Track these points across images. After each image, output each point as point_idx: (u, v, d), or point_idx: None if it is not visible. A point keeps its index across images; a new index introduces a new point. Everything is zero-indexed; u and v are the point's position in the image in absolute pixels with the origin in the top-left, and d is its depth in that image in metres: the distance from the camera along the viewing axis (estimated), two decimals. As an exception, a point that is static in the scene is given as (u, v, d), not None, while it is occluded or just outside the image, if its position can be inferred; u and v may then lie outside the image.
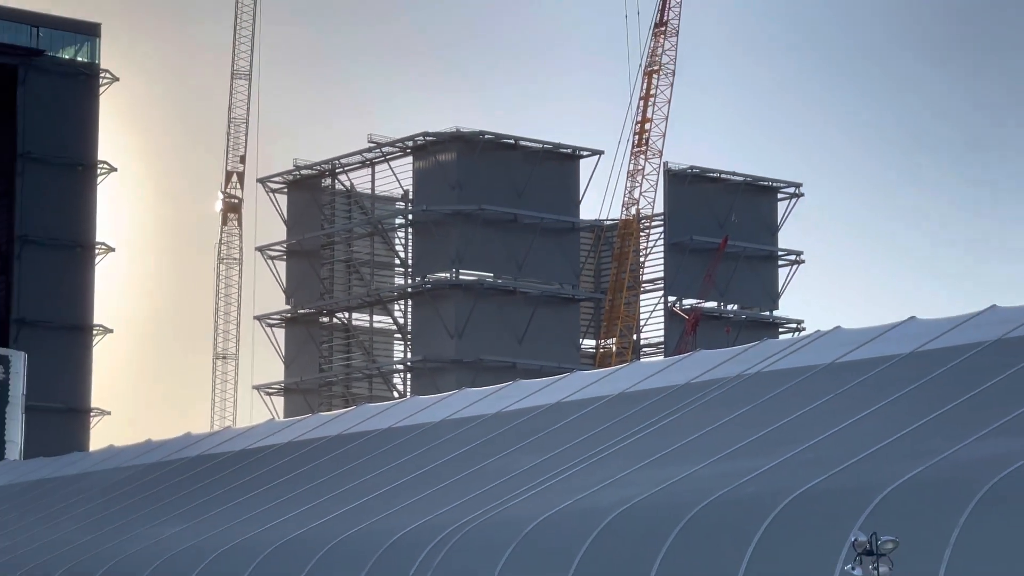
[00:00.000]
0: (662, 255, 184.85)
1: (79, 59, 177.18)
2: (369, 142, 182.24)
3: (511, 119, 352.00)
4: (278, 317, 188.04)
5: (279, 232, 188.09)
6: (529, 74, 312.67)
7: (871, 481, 66.70)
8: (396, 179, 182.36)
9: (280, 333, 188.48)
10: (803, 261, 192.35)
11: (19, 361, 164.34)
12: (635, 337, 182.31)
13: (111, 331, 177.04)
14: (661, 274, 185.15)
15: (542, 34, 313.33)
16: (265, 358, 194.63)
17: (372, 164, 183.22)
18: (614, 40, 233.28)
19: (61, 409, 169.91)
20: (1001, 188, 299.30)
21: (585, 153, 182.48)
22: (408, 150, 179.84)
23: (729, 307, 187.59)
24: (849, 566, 56.97)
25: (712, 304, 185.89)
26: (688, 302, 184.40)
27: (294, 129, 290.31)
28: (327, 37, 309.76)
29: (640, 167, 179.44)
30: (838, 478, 68.61)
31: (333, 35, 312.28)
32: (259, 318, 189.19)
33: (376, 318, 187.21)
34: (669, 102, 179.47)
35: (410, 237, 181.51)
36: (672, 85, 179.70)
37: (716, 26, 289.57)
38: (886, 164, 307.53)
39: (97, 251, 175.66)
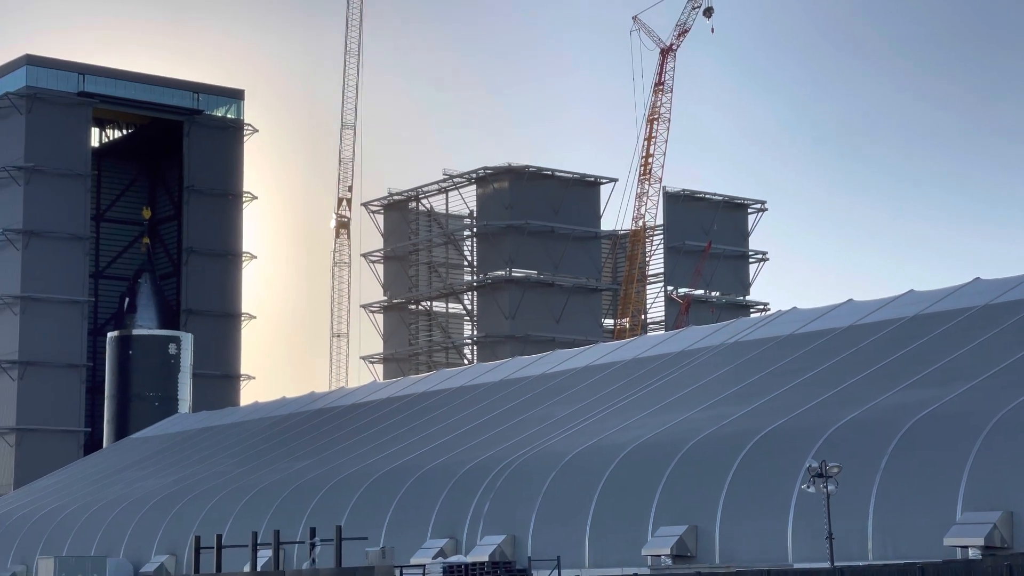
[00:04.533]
0: (662, 255, 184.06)
1: (228, 116, 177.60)
2: (443, 174, 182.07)
3: (549, 154, 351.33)
4: (378, 305, 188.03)
5: (378, 242, 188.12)
6: (562, 121, 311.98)
7: (820, 422, 66.62)
8: (464, 201, 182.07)
9: (379, 317, 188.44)
10: (768, 259, 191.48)
11: (187, 340, 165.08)
12: (643, 317, 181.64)
13: (254, 317, 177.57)
14: (662, 270, 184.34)
15: (574, 90, 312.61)
16: (368, 336, 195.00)
17: (446, 191, 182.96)
18: (624, 95, 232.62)
19: (218, 375, 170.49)
20: (923, 196, 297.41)
21: (604, 180, 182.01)
22: (472, 179, 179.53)
23: (713, 294, 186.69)
24: (805, 485, 56.98)
25: (700, 292, 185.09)
26: (682, 290, 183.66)
27: (388, 165, 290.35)
28: (412, 92, 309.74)
29: (645, 190, 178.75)
30: (796, 420, 68.53)
31: (416, 90, 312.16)
32: (364, 306, 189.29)
33: (450, 305, 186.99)
34: (667, 141, 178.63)
35: (475, 245, 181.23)
36: (668, 128, 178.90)
37: (704, 80, 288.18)
38: (830, 185, 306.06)
39: (244, 258, 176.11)
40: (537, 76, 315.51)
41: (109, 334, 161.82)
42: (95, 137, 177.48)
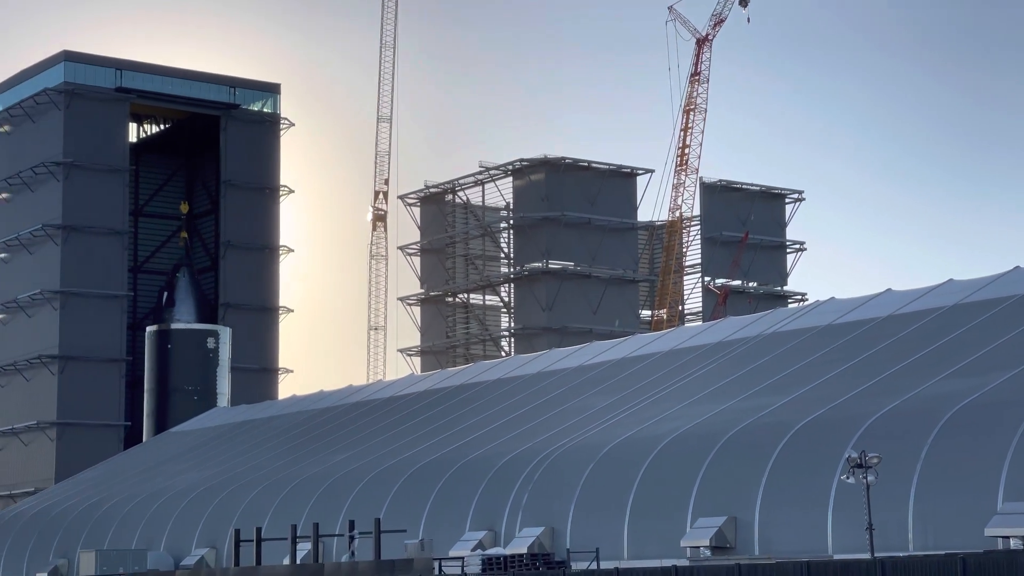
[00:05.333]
0: (699, 246, 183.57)
1: (265, 110, 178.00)
2: (479, 166, 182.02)
3: (585, 146, 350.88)
4: (415, 298, 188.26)
5: (414, 235, 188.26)
6: (597, 111, 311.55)
7: (859, 412, 66.35)
8: (500, 194, 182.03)
9: (416, 310, 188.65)
10: (806, 249, 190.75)
11: (226, 334, 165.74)
12: (680, 308, 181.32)
13: (292, 311, 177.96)
14: (699, 260, 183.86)
15: (610, 81, 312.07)
16: (406, 329, 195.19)
17: (482, 183, 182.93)
18: (661, 86, 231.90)
19: (256, 369, 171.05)
20: (962, 186, 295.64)
21: (640, 171, 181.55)
22: (509, 172, 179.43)
23: (750, 284, 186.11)
24: (844, 476, 56.76)
25: (737, 282, 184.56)
26: (719, 281, 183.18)
27: (424, 158, 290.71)
28: (447, 84, 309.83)
29: (681, 181, 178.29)
30: (835, 410, 68.28)
31: (453, 85, 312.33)
32: (401, 299, 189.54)
33: (487, 297, 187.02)
34: (703, 132, 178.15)
35: (511, 237, 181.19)
36: (705, 119, 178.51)
37: (740, 70, 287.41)
38: (868, 175, 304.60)
39: (281, 252, 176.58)
40: (573, 67, 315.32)
41: (148, 328, 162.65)
42: (133, 132, 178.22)
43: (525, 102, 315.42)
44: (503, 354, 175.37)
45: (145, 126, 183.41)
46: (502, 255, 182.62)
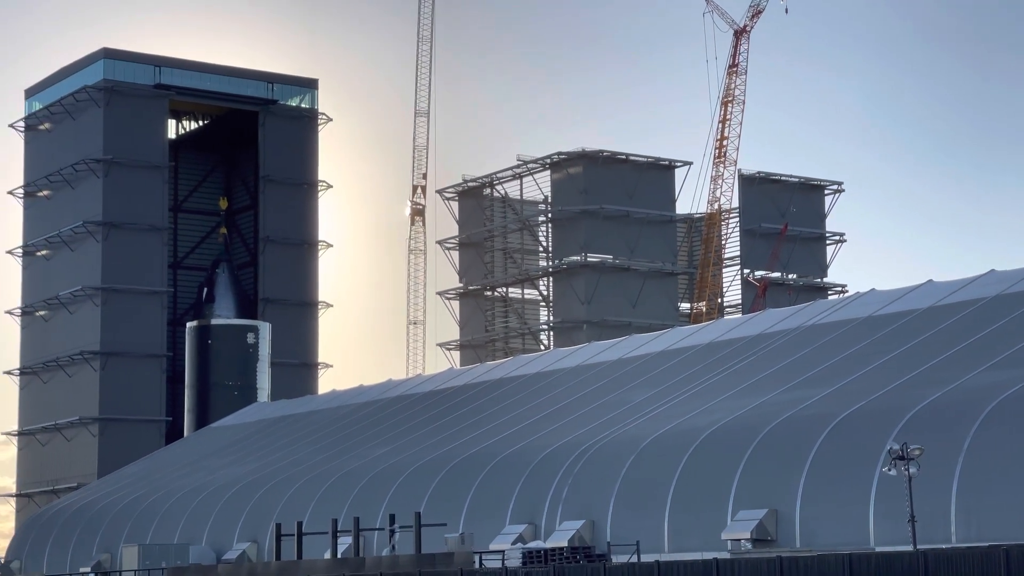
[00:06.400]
0: (738, 238, 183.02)
1: (303, 105, 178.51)
2: (517, 160, 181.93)
3: (623, 138, 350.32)
4: (454, 292, 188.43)
5: (453, 229, 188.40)
6: (636, 104, 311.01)
7: (901, 404, 66.02)
8: (538, 187, 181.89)
9: (455, 304, 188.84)
10: (845, 240, 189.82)
11: (265, 329, 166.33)
12: (719, 300, 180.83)
13: (331, 305, 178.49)
14: (738, 253, 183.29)
15: (647, 73, 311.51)
16: (445, 323, 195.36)
17: (520, 177, 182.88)
18: (698, 78, 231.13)
19: (296, 364, 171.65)
20: (1003, 175, 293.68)
21: (678, 164, 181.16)
22: (547, 165, 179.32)
23: (790, 276, 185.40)
24: (886, 468, 56.50)
25: (777, 274, 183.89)
26: (759, 273, 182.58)
27: (462, 152, 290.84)
28: (485, 78, 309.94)
29: (720, 173, 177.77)
30: (876, 402, 67.96)
31: (490, 78, 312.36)
32: (440, 293, 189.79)
33: (526, 291, 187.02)
34: (741, 124, 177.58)
35: (550, 230, 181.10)
36: (743, 111, 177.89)
37: (779, 61, 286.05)
38: (908, 165, 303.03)
39: (320, 246, 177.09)
40: (610, 60, 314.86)
41: (188, 324, 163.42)
42: (172, 129, 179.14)
43: (563, 95, 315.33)
44: (542, 348, 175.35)
45: (184, 122, 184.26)
46: (540, 249, 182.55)
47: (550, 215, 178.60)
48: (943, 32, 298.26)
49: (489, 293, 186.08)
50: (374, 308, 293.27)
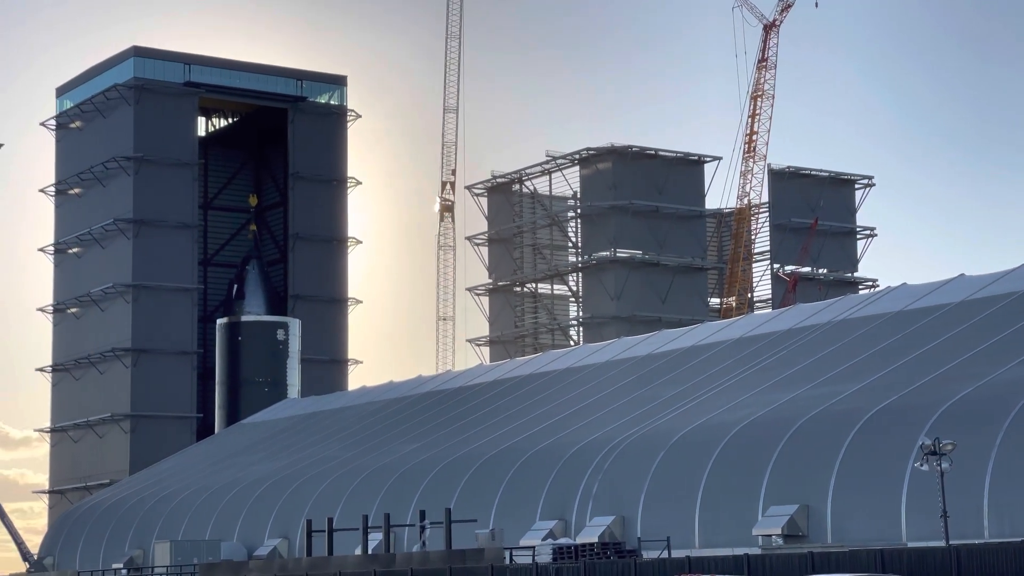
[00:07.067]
0: (768, 233, 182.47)
1: (332, 102, 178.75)
2: (546, 156, 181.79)
3: (652, 134, 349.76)
4: (483, 288, 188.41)
5: (482, 225, 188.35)
6: (665, 99, 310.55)
7: (933, 399, 65.66)
8: (567, 183, 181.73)
9: (485, 300, 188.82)
10: (876, 234, 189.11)
11: (295, 326, 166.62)
12: (749, 296, 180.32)
13: (361, 302, 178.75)
14: (768, 247, 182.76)
15: (676, 68, 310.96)
16: (474, 319, 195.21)
17: (549, 172, 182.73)
18: (728, 72, 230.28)
19: (326, 360, 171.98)
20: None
21: (708, 159, 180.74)
22: (576, 161, 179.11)
23: (820, 271, 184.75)
24: (918, 463, 56.20)
25: (807, 269, 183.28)
26: (789, 268, 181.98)
27: (491, 148, 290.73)
28: (514, 74, 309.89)
29: (750, 168, 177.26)
30: (908, 397, 67.61)
31: (519, 74, 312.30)
32: (469, 289, 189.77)
33: (555, 287, 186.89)
34: (771, 118, 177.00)
35: (579, 226, 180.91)
36: (772, 105, 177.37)
37: (808, 56, 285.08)
38: (939, 159, 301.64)
39: (349, 243, 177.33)
40: (639, 55, 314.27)
41: (218, 321, 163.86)
42: (201, 126, 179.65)
43: (591, 90, 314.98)
44: (571, 343, 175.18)
45: (213, 120, 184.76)
46: (570, 244, 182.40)
47: (579, 211, 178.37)
48: (974, 27, 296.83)
49: (518, 289, 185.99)
50: (404, 304, 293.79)
